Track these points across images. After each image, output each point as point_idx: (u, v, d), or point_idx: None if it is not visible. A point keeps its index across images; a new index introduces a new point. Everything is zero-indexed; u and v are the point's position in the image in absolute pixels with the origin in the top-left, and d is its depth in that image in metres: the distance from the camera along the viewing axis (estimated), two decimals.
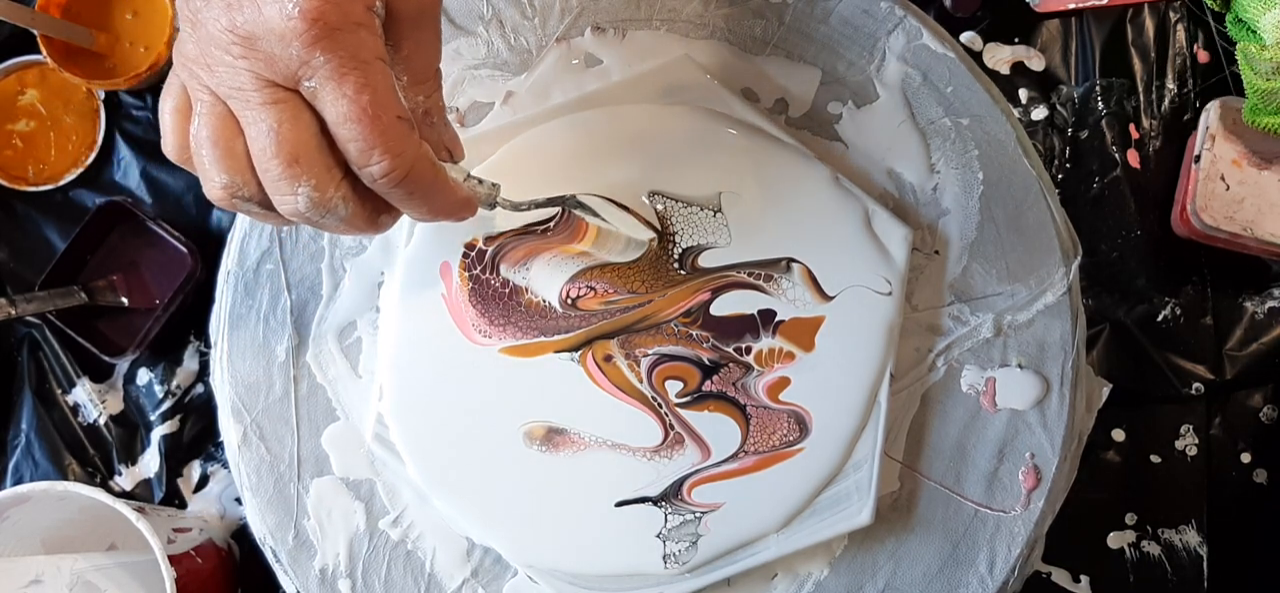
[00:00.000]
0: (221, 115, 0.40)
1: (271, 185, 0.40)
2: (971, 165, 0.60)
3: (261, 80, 0.39)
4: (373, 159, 0.40)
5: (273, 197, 0.40)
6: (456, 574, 0.59)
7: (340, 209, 0.41)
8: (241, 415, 0.61)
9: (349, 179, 0.41)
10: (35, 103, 0.72)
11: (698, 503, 0.56)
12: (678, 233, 0.58)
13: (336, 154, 0.40)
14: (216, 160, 0.40)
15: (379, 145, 0.39)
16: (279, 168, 0.39)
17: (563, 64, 0.61)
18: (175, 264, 0.68)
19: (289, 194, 0.40)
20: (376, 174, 0.40)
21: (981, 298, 0.59)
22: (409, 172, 0.41)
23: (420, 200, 0.43)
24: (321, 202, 0.40)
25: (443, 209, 0.45)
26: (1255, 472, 0.68)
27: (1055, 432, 0.59)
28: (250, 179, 0.40)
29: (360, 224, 0.43)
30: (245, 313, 0.62)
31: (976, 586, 0.58)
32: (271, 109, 0.39)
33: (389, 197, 0.42)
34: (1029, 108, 0.69)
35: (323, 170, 0.40)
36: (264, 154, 0.39)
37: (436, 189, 0.44)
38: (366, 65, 0.39)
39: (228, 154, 0.40)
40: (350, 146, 0.40)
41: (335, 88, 0.39)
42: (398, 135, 0.40)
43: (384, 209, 0.44)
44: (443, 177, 0.44)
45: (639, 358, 0.57)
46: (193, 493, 0.70)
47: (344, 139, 0.40)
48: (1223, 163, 0.65)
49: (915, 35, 0.60)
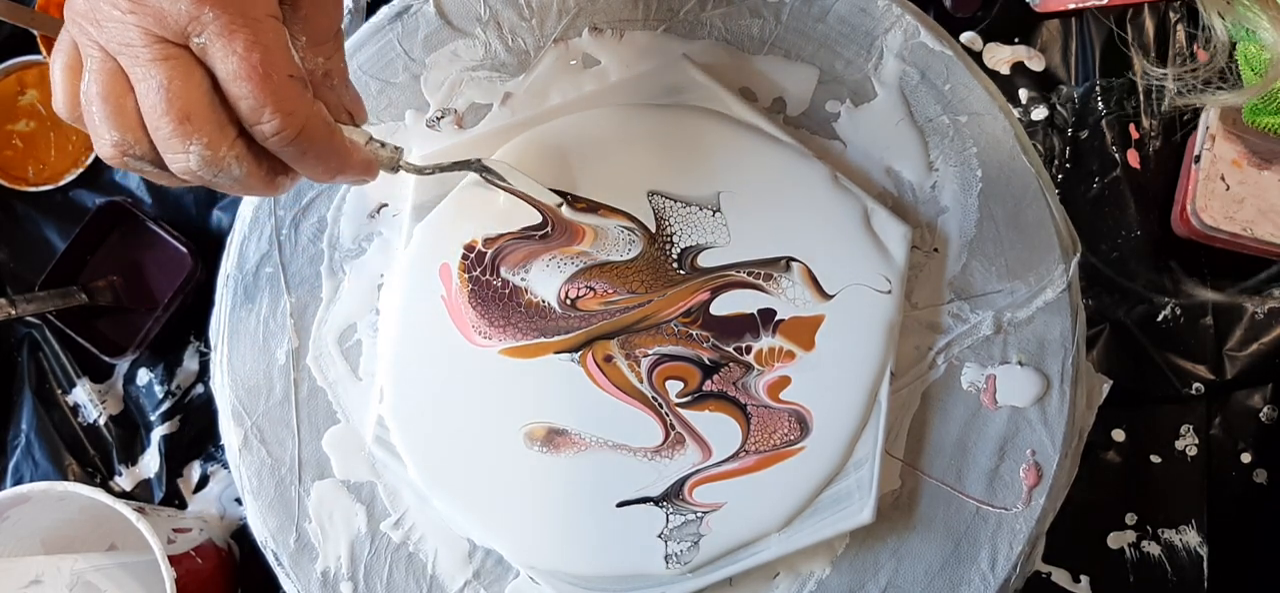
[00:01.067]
0: (112, 72, 0.39)
1: (162, 143, 0.39)
2: (970, 163, 0.60)
3: (150, 36, 0.38)
4: (263, 117, 0.39)
5: (164, 154, 0.40)
6: (458, 576, 0.59)
7: (233, 168, 0.40)
8: (242, 419, 0.61)
9: (243, 138, 0.40)
10: (35, 103, 0.72)
11: (699, 503, 0.56)
12: (677, 233, 0.58)
13: (229, 112, 0.40)
14: (107, 118, 0.39)
15: (269, 103, 0.39)
16: (169, 125, 0.39)
17: (561, 65, 0.61)
18: (175, 264, 0.68)
19: (180, 152, 0.39)
20: (268, 132, 0.40)
21: (981, 295, 0.59)
22: (301, 130, 0.40)
23: (314, 160, 0.42)
24: (214, 160, 0.40)
25: (339, 169, 0.44)
26: (1255, 472, 0.68)
27: (1056, 429, 0.58)
28: (141, 137, 0.40)
29: (255, 184, 0.42)
30: (245, 316, 0.62)
31: (978, 583, 0.58)
32: (161, 66, 0.38)
33: (282, 155, 0.41)
34: (1029, 108, 0.69)
35: (214, 128, 0.39)
36: (154, 111, 0.39)
37: (331, 150, 0.43)
38: (257, 23, 0.39)
39: (118, 111, 0.39)
40: (241, 104, 0.39)
41: (225, 44, 0.38)
42: (289, 94, 0.40)
43: (280, 169, 0.43)
44: (338, 137, 0.44)
45: (639, 358, 0.57)
46: (193, 493, 0.70)
47: (235, 97, 0.39)
48: (1223, 163, 0.65)
49: (912, 33, 0.60)
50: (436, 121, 0.61)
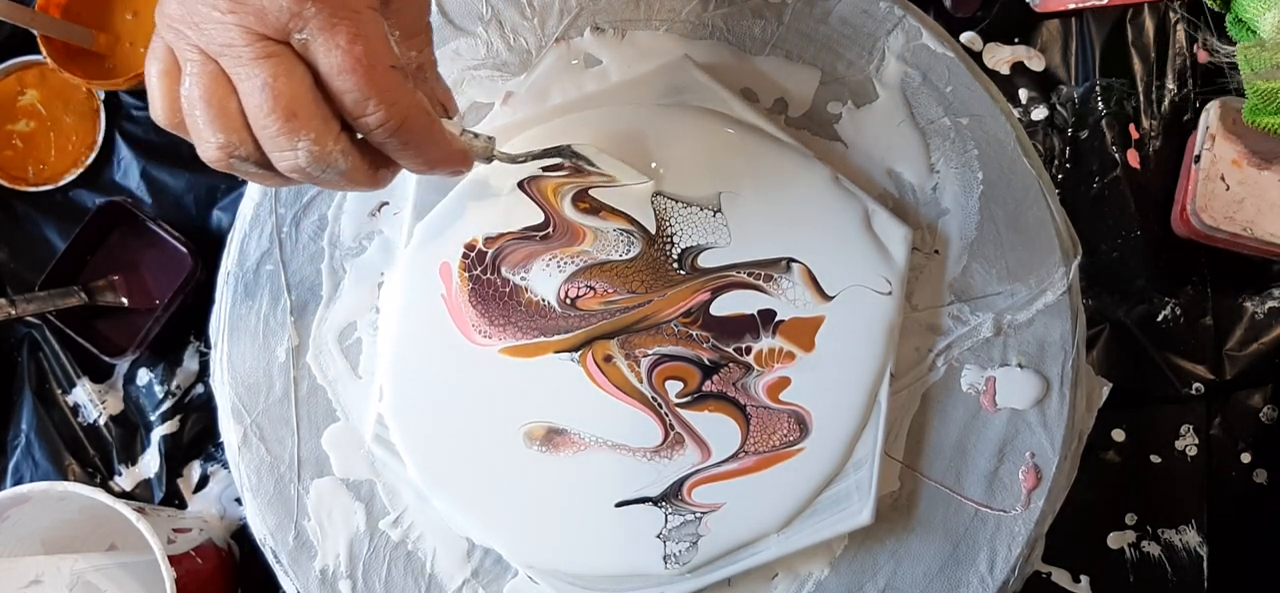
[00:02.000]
0: (212, 74, 0.39)
1: (269, 142, 0.39)
2: (971, 165, 0.60)
3: (252, 34, 0.38)
4: (369, 109, 0.39)
5: (271, 153, 0.40)
6: (457, 575, 0.59)
7: (340, 162, 0.40)
8: (242, 416, 0.61)
9: (347, 132, 0.41)
10: (35, 103, 0.72)
11: (698, 503, 0.56)
12: (677, 233, 0.58)
13: (332, 107, 0.40)
14: (210, 120, 0.39)
15: (374, 95, 0.39)
16: (276, 123, 0.38)
17: (562, 64, 0.61)
18: (175, 264, 0.68)
19: (288, 150, 0.39)
20: (373, 124, 0.40)
21: (981, 297, 0.59)
22: (404, 120, 0.40)
23: (417, 151, 0.42)
24: (321, 156, 0.40)
25: (440, 159, 0.44)
26: (1255, 472, 0.68)
27: (1055, 431, 0.59)
28: (246, 137, 0.39)
29: (360, 178, 0.42)
30: (245, 314, 0.62)
31: (977, 585, 0.58)
32: (264, 63, 0.38)
33: (385, 147, 0.41)
34: (1029, 108, 0.69)
35: (320, 123, 0.39)
36: (260, 110, 0.38)
37: (433, 139, 0.43)
38: (358, 15, 0.39)
39: (221, 113, 0.39)
40: (345, 97, 0.39)
41: (328, 38, 0.38)
42: (392, 84, 0.40)
43: (382, 162, 0.43)
44: (439, 126, 0.44)
45: (639, 358, 0.57)
46: (193, 493, 0.70)
47: (339, 91, 0.39)
48: (1223, 163, 0.65)
49: (914, 35, 0.60)
50: None
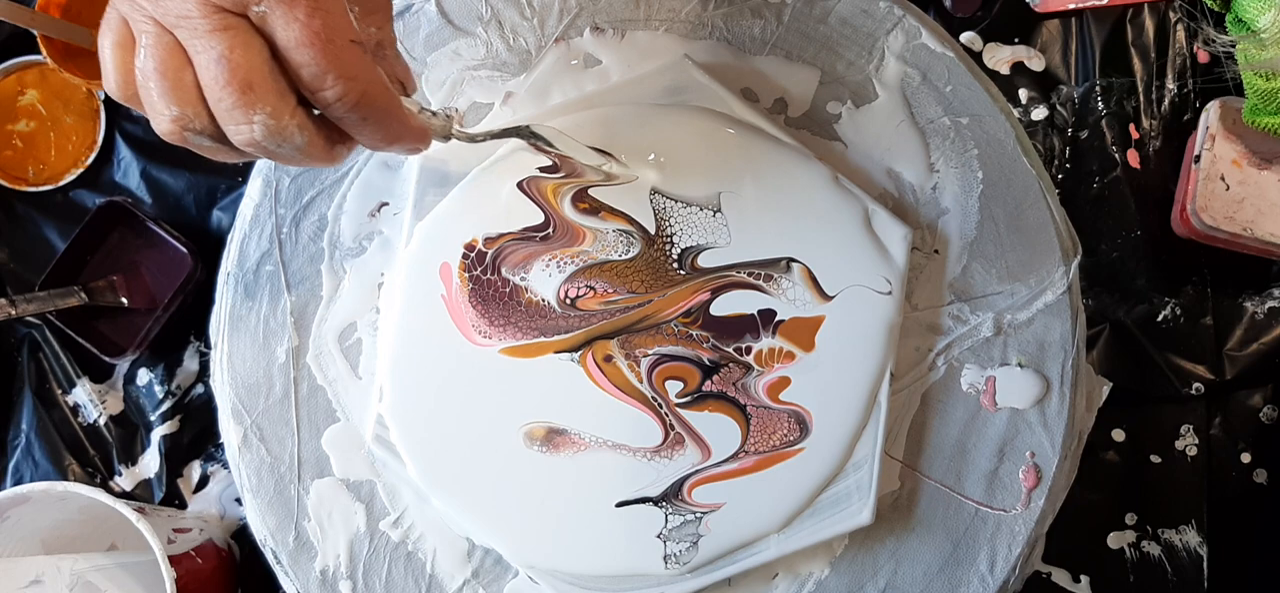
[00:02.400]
0: (168, 45, 0.38)
1: (224, 115, 0.39)
2: (971, 164, 0.60)
3: (208, 6, 0.37)
4: (327, 83, 0.39)
5: (226, 127, 0.39)
6: (457, 575, 0.59)
7: (296, 137, 0.40)
8: (242, 417, 0.61)
9: (304, 106, 0.40)
10: (35, 103, 0.72)
11: (698, 503, 0.56)
12: (677, 233, 0.58)
13: (289, 80, 0.39)
14: (165, 93, 0.39)
15: (333, 69, 0.39)
16: (232, 97, 0.38)
17: (562, 65, 0.61)
18: (175, 264, 0.68)
19: (244, 124, 0.39)
20: (331, 98, 0.39)
21: (981, 297, 0.59)
22: (363, 95, 0.40)
23: (375, 127, 0.42)
24: (277, 130, 0.39)
25: (398, 136, 0.44)
26: (1255, 472, 0.68)
27: (1055, 431, 0.59)
28: (201, 111, 0.39)
29: (316, 153, 0.41)
30: (245, 314, 0.62)
31: (977, 585, 0.58)
32: (220, 36, 0.37)
33: (343, 123, 0.41)
34: (1029, 108, 0.69)
35: (277, 97, 0.39)
36: (215, 83, 0.38)
37: (392, 115, 0.43)
38: None
39: (176, 86, 0.38)
40: (303, 71, 0.39)
41: (286, 11, 0.38)
42: (351, 59, 0.39)
43: (339, 138, 0.43)
44: (398, 103, 0.43)
45: (639, 358, 0.57)
46: (193, 493, 0.70)
47: (297, 64, 0.39)
48: (1223, 163, 0.65)
49: (914, 35, 0.60)
50: None
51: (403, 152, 0.46)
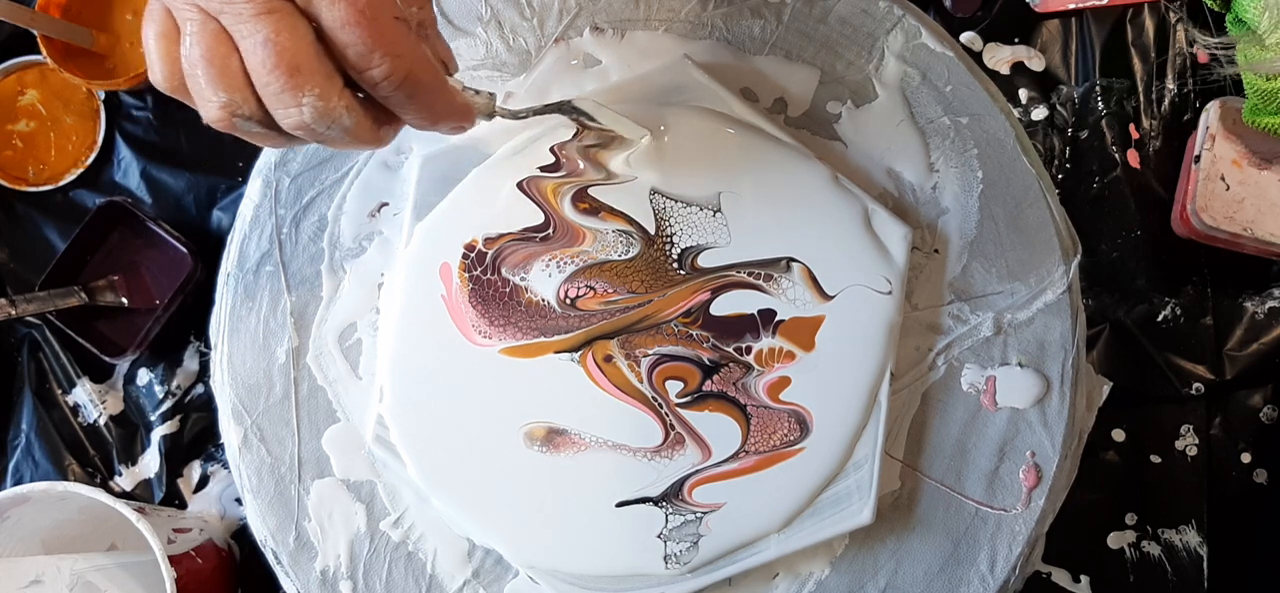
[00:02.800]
0: (213, 32, 0.38)
1: (273, 99, 0.39)
2: (971, 164, 0.60)
3: None
4: (374, 62, 0.39)
5: (274, 111, 0.39)
6: (457, 575, 0.59)
7: (344, 119, 0.40)
8: (242, 417, 0.61)
9: (351, 88, 0.40)
10: (35, 103, 0.72)
11: (698, 503, 0.56)
12: (677, 233, 0.58)
13: (335, 62, 0.39)
14: (212, 80, 0.39)
15: (379, 47, 0.39)
16: (280, 80, 0.38)
17: (562, 65, 0.61)
18: (175, 264, 0.68)
19: (293, 107, 0.39)
20: (378, 77, 0.39)
21: (981, 296, 0.59)
22: (409, 73, 0.40)
23: (422, 105, 0.42)
24: (326, 112, 0.39)
25: (444, 113, 0.44)
26: (1255, 472, 0.68)
27: (1056, 430, 0.59)
28: (249, 96, 0.39)
29: (363, 135, 0.41)
30: (245, 314, 0.62)
31: (977, 584, 0.58)
32: (266, 20, 0.37)
33: (390, 101, 0.41)
34: (1029, 108, 0.69)
35: (325, 79, 0.39)
36: (263, 67, 0.38)
37: (438, 93, 0.43)
38: None
39: (223, 72, 0.38)
40: (350, 51, 0.39)
41: None
42: (397, 36, 0.39)
43: (386, 119, 0.43)
44: (443, 80, 0.43)
45: (639, 358, 0.57)
46: (193, 493, 0.70)
47: (343, 44, 0.38)
48: (1223, 163, 0.65)
49: (914, 34, 0.60)
50: None
51: (447, 130, 0.46)
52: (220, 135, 0.42)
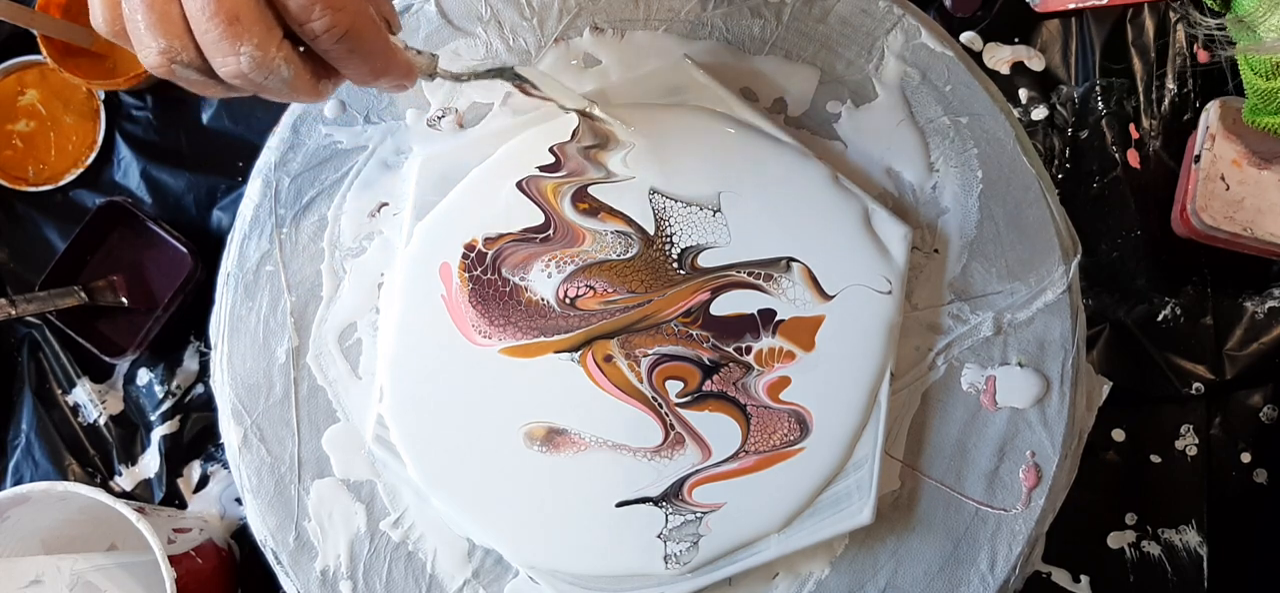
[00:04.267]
0: None
1: (211, 47, 0.38)
2: (970, 164, 0.60)
3: None
4: (314, 15, 0.39)
5: (212, 59, 0.39)
6: (457, 575, 0.59)
7: (282, 70, 0.39)
8: (242, 417, 0.61)
9: (290, 39, 0.40)
10: (35, 103, 0.72)
11: (698, 503, 0.56)
12: (677, 232, 0.58)
13: (276, 13, 0.39)
14: (151, 25, 0.38)
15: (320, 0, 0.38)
16: (218, 28, 0.38)
17: (562, 65, 0.61)
18: (175, 264, 0.68)
19: (231, 55, 0.38)
20: (319, 29, 0.39)
21: (981, 296, 0.59)
22: (351, 27, 0.40)
23: (362, 60, 0.41)
24: (264, 62, 0.39)
25: (385, 70, 0.43)
26: (1255, 472, 0.68)
27: (1056, 430, 0.59)
28: (188, 43, 0.39)
29: (302, 88, 0.41)
30: (245, 314, 0.62)
31: (978, 584, 0.58)
32: None
33: (330, 55, 0.41)
34: (1029, 108, 0.69)
35: (263, 29, 0.38)
36: (202, 14, 0.38)
37: (379, 48, 0.42)
38: None
39: (163, 18, 0.38)
40: (290, 3, 0.38)
41: None
42: None
43: (325, 72, 0.42)
44: (385, 36, 0.43)
45: (639, 358, 0.57)
46: (193, 493, 0.70)
47: None
48: (1223, 163, 0.65)
49: (914, 34, 0.60)
50: (437, 121, 0.61)
51: (388, 87, 0.45)
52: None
